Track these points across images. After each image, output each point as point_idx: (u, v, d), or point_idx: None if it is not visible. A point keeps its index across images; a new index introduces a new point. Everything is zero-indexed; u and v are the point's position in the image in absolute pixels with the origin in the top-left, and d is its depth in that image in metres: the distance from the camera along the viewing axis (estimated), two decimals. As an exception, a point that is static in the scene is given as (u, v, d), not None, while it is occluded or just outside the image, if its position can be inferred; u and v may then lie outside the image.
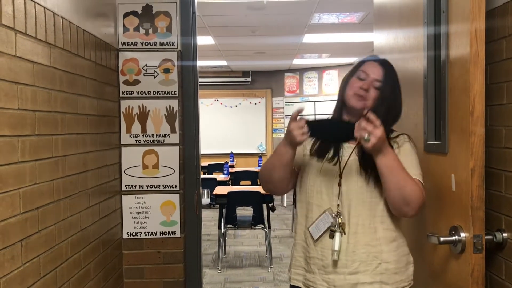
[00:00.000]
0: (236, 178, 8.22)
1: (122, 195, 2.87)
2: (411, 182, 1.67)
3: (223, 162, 8.68)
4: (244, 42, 7.93)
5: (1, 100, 1.54)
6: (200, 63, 3.28)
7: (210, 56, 9.25)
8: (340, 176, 1.77)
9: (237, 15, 6.16)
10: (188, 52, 2.92)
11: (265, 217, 5.63)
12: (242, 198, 5.68)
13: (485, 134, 1.61)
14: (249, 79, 11.89)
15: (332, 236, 1.74)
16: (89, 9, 2.38)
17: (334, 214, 1.75)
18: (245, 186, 7.18)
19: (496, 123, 1.74)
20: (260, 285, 5.00)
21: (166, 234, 2.88)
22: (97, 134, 2.44)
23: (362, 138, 1.63)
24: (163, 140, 2.87)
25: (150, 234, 2.88)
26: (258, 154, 11.13)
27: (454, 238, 1.68)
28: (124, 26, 2.83)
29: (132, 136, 2.86)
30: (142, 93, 2.85)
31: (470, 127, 1.60)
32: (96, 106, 2.43)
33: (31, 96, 1.75)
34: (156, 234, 2.88)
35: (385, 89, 1.77)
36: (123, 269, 2.88)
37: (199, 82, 3.09)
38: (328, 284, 1.75)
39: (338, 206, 1.76)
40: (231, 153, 10.29)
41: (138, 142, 2.86)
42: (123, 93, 2.84)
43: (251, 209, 5.65)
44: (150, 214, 2.88)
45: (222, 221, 5.62)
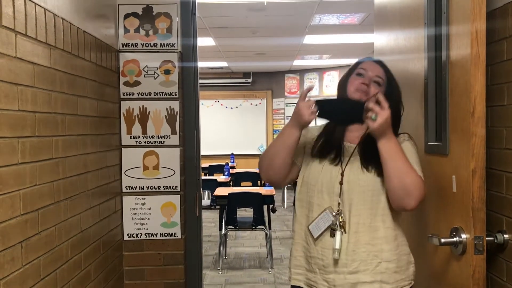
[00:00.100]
0: (236, 179, 8.22)
1: (123, 196, 2.86)
2: (413, 173, 1.68)
3: (224, 163, 8.67)
4: (244, 43, 7.93)
5: (1, 101, 1.54)
6: (200, 64, 3.29)
7: (211, 57, 9.26)
8: (341, 175, 1.77)
9: (237, 16, 6.16)
10: (188, 53, 2.92)
11: (265, 218, 5.63)
12: (243, 199, 5.68)
13: (486, 135, 1.61)
14: (249, 80, 11.89)
15: (332, 234, 1.74)
16: (89, 10, 2.38)
17: (334, 213, 1.75)
18: (245, 187, 7.17)
19: (497, 124, 1.74)
20: (260, 286, 4.99)
21: (166, 235, 2.88)
22: (97, 135, 2.44)
23: (369, 117, 1.66)
24: (164, 141, 2.87)
25: (150, 235, 2.88)
26: (259, 155, 11.10)
27: (455, 239, 1.68)
28: (124, 27, 2.83)
29: (132, 137, 2.86)
30: (142, 94, 2.85)
31: (471, 128, 1.60)
32: (96, 107, 2.43)
33: (32, 97, 1.75)
34: (156, 235, 2.88)
35: (388, 89, 1.78)
36: (124, 270, 2.87)
37: (200, 83, 3.09)
38: (328, 283, 1.75)
39: (339, 205, 1.75)
40: (232, 154, 10.29)
41: (138, 143, 2.86)
42: (124, 94, 2.84)
43: (252, 210, 5.65)
44: (150, 216, 2.88)
45: (222, 222, 5.63)
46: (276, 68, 11.27)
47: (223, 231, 5.58)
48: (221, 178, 7.86)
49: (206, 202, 7.24)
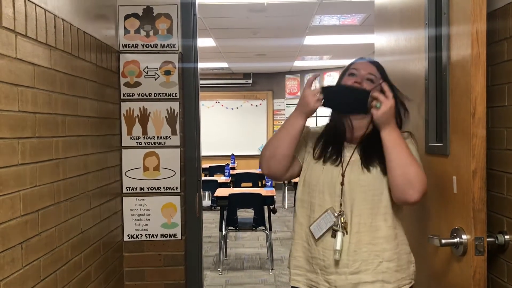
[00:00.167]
0: (237, 180, 8.22)
1: (123, 197, 2.86)
2: (416, 164, 1.69)
3: (224, 164, 8.68)
4: (245, 44, 7.93)
5: (1, 102, 1.54)
6: (201, 65, 3.29)
7: (211, 58, 9.26)
8: (342, 175, 1.77)
9: (238, 17, 6.16)
10: (189, 54, 2.92)
11: (266, 219, 5.63)
12: (243, 200, 5.68)
13: (486, 136, 1.61)
14: (250, 81, 11.90)
15: (334, 235, 1.74)
16: (89, 11, 2.38)
17: (336, 214, 1.74)
18: (246, 188, 7.17)
19: (497, 125, 1.74)
20: (261, 287, 4.99)
21: (167, 236, 2.88)
22: (97, 136, 2.44)
23: (374, 106, 1.68)
24: (164, 142, 2.87)
25: (151, 236, 2.87)
26: (259, 156, 11.12)
27: (455, 240, 1.68)
28: (125, 28, 2.83)
29: (133, 138, 2.86)
30: (143, 95, 2.85)
31: (471, 129, 1.60)
32: (96, 108, 2.43)
33: (32, 98, 1.74)
34: (157, 236, 2.88)
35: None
36: (124, 271, 2.87)
37: (200, 84, 3.09)
38: (329, 284, 1.75)
39: (341, 205, 1.75)
40: (232, 155, 10.30)
41: (139, 144, 2.86)
42: (124, 95, 2.84)
43: (252, 211, 5.65)
44: (151, 216, 2.87)
45: (223, 223, 5.62)
46: (276, 69, 11.27)
47: (224, 232, 5.58)
48: (221, 179, 7.87)
49: (206, 203, 7.24)
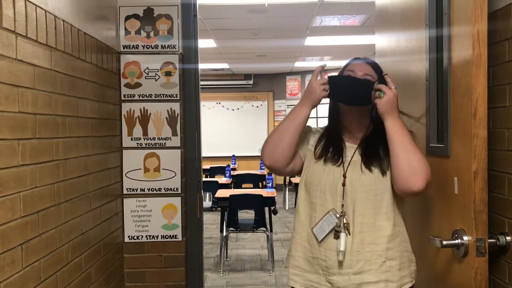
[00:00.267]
0: (238, 181, 8.22)
1: (123, 199, 2.86)
2: (420, 153, 1.70)
3: (225, 165, 8.67)
4: (245, 45, 7.93)
5: (1, 103, 1.54)
6: (201, 66, 3.29)
7: (212, 59, 9.26)
8: (344, 176, 1.77)
9: (238, 18, 6.16)
10: (189, 55, 2.91)
11: (267, 220, 5.62)
12: (244, 201, 5.67)
13: (488, 137, 1.60)
14: (251, 82, 11.90)
15: (337, 236, 1.73)
16: (90, 12, 2.38)
17: (338, 215, 1.74)
18: (247, 189, 7.17)
19: (499, 126, 1.73)
20: (262, 288, 4.99)
21: (167, 237, 2.87)
22: (98, 137, 2.44)
23: (377, 96, 1.72)
24: (165, 143, 2.86)
25: (151, 237, 2.87)
26: (260, 157, 11.11)
27: (457, 241, 1.67)
28: (125, 29, 2.83)
29: (133, 139, 2.86)
30: (143, 96, 2.85)
31: (472, 130, 1.59)
32: (97, 109, 2.42)
33: (32, 99, 1.74)
34: (157, 237, 2.87)
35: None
36: (125, 272, 2.87)
37: (201, 85, 3.09)
38: (332, 285, 1.75)
39: (342, 206, 1.75)
40: (233, 156, 10.29)
41: (139, 145, 2.86)
42: (125, 96, 2.84)
43: (253, 212, 5.64)
44: (151, 218, 2.87)
45: (224, 224, 5.62)
46: (277, 69, 11.27)
47: (224, 233, 5.57)
48: (222, 180, 7.87)
49: (207, 204, 7.24)
